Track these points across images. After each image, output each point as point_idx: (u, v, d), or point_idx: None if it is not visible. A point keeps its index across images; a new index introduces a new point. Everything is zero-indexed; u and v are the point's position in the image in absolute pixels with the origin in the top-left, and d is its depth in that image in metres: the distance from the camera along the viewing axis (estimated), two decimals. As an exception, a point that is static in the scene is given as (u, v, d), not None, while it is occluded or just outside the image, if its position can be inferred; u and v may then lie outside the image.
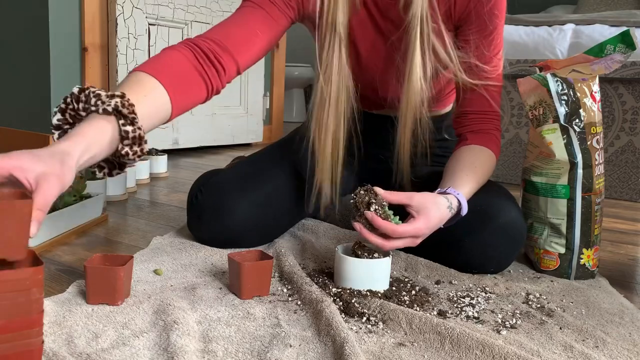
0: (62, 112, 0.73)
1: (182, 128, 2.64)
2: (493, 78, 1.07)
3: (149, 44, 2.42)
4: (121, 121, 0.71)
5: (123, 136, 0.71)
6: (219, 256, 1.06)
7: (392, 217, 0.89)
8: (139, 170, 1.81)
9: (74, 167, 0.64)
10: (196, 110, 2.69)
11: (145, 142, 0.73)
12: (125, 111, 0.71)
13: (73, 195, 1.24)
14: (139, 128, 0.72)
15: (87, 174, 1.43)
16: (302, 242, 1.16)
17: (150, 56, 2.42)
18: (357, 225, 0.88)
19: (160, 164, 1.99)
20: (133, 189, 1.69)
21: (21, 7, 2.22)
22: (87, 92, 0.71)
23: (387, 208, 0.89)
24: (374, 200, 0.88)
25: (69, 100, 0.72)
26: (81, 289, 0.86)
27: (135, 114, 0.72)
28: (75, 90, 0.72)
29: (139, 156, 0.74)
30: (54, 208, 1.16)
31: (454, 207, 0.93)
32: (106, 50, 2.32)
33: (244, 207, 1.07)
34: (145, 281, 0.91)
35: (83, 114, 0.71)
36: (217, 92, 0.90)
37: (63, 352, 0.66)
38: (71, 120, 0.73)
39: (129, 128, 0.71)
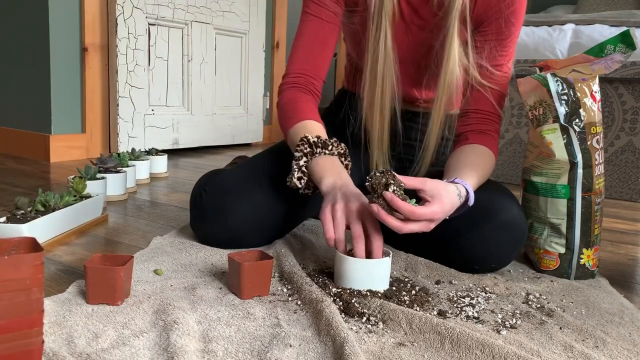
0: (305, 155, 1.03)
1: (182, 128, 2.64)
2: (500, 84, 1.11)
3: (149, 44, 2.42)
4: (342, 158, 1.06)
5: (344, 166, 1.05)
6: (219, 256, 1.06)
7: (409, 199, 0.87)
8: (139, 170, 1.81)
9: None
10: (196, 110, 2.70)
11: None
12: (346, 152, 1.06)
13: (73, 195, 1.24)
14: (350, 161, 1.07)
15: (87, 174, 1.43)
16: (302, 242, 1.16)
17: (150, 56, 2.42)
18: (375, 207, 0.87)
19: (160, 164, 1.99)
20: (133, 189, 1.69)
21: (21, 7, 2.22)
22: (320, 139, 1.03)
23: (403, 190, 0.88)
24: (392, 182, 0.86)
25: (307, 148, 1.03)
26: (81, 289, 0.86)
27: (347, 153, 1.07)
28: (313, 138, 1.02)
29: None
30: (54, 208, 1.16)
31: (462, 195, 0.94)
32: (106, 50, 2.32)
33: (247, 207, 1.07)
34: (145, 281, 0.91)
35: (317, 155, 1.02)
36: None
37: (63, 352, 0.66)
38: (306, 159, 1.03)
39: (348, 163, 1.06)
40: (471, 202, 0.96)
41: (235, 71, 2.92)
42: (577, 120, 1.01)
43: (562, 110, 1.01)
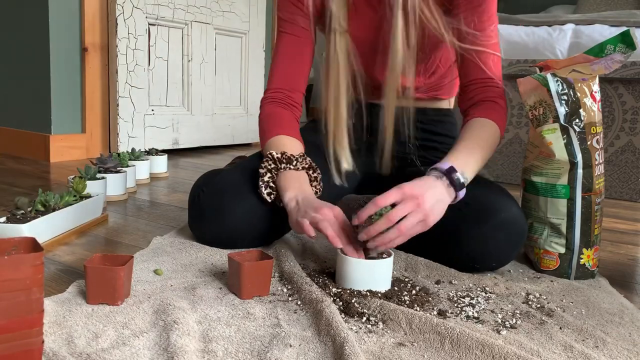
0: (269, 171, 1.06)
1: (182, 128, 2.64)
2: (487, 45, 1.09)
3: (149, 44, 2.42)
4: (310, 171, 1.08)
5: (313, 179, 1.08)
6: (219, 256, 1.06)
7: (384, 209, 0.88)
8: (139, 170, 1.81)
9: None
10: (196, 110, 2.70)
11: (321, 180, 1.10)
12: (313, 165, 1.09)
13: (73, 195, 1.24)
14: (319, 173, 1.09)
15: (87, 174, 1.43)
16: (302, 242, 1.17)
17: (150, 56, 2.42)
18: (363, 236, 0.89)
19: (160, 164, 1.99)
20: (133, 189, 1.70)
21: (21, 7, 2.22)
22: (284, 155, 1.06)
23: (380, 210, 0.88)
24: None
25: (271, 164, 1.06)
26: (81, 289, 0.86)
27: (315, 166, 1.09)
28: (277, 154, 1.06)
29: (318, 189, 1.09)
30: (54, 208, 1.16)
31: (442, 176, 0.94)
32: (106, 50, 2.32)
33: (245, 207, 1.07)
34: (145, 281, 0.91)
35: (282, 171, 1.05)
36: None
37: (63, 352, 0.66)
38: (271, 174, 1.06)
39: (317, 175, 1.09)
40: (459, 176, 0.94)
41: (235, 71, 2.92)
42: (577, 120, 1.01)
43: (562, 110, 1.01)
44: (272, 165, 1.06)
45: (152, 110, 2.47)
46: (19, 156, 2.28)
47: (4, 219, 1.07)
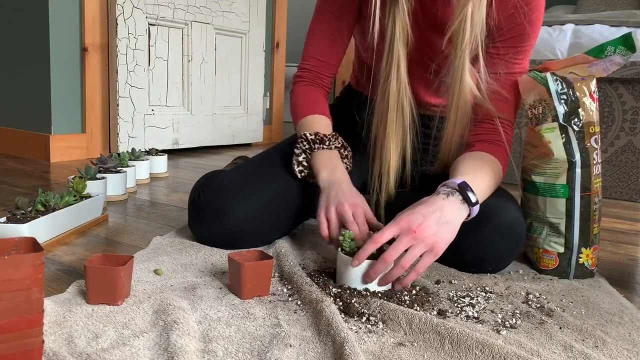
0: (304, 152, 1.11)
1: (182, 128, 2.64)
2: (507, 85, 1.08)
3: (149, 44, 2.42)
4: (342, 149, 1.12)
5: (344, 157, 1.12)
6: (219, 256, 1.06)
7: (385, 246, 0.89)
8: (139, 170, 1.81)
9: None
10: (196, 110, 2.70)
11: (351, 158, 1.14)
12: (345, 144, 1.13)
13: (73, 195, 1.24)
14: (350, 151, 1.13)
15: (88, 174, 1.43)
16: (302, 242, 1.17)
17: (150, 56, 2.42)
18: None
19: (160, 164, 1.99)
20: (133, 189, 1.70)
21: (21, 7, 2.22)
22: (317, 136, 1.10)
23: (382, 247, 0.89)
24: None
25: (305, 144, 1.11)
26: (81, 289, 0.86)
27: (346, 144, 1.13)
28: (311, 135, 1.10)
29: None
30: (54, 208, 1.16)
31: (452, 189, 0.92)
32: (106, 50, 2.32)
33: (245, 208, 1.07)
34: (145, 281, 0.91)
35: (315, 150, 1.10)
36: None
37: (63, 352, 0.66)
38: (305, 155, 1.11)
39: (348, 153, 1.13)
40: (473, 197, 0.93)
41: (235, 71, 2.92)
42: (575, 119, 1.01)
43: (561, 109, 1.01)
44: (307, 146, 1.11)
45: (152, 110, 2.47)
46: (19, 156, 2.28)
47: (4, 219, 1.07)
